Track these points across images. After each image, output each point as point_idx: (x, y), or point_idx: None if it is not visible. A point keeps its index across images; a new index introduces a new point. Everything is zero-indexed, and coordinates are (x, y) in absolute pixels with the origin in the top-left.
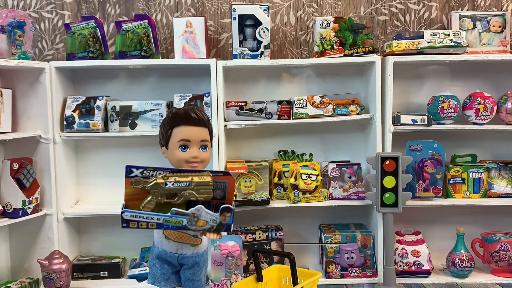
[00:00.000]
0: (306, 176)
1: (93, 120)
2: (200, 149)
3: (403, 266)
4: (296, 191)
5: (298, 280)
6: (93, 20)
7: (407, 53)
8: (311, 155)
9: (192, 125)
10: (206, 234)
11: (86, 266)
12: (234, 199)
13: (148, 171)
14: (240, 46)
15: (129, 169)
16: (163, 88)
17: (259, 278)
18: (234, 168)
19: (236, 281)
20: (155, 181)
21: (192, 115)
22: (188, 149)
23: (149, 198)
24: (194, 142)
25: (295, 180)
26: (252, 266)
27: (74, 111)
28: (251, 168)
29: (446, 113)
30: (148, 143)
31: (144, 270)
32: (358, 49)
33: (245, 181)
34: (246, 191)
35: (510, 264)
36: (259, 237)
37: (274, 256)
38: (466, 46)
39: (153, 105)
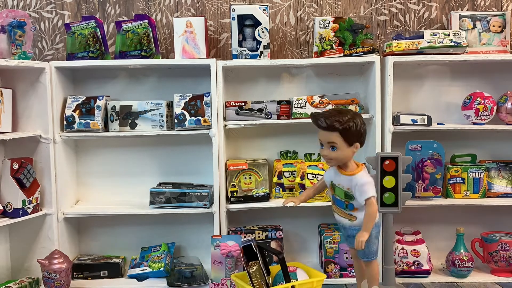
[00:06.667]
0: (313, 176)
1: (93, 120)
2: (329, 149)
3: (403, 266)
4: (301, 191)
5: (291, 279)
6: (93, 20)
7: (407, 53)
8: (319, 154)
9: (320, 129)
10: None
11: (86, 266)
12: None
13: None
14: (239, 46)
15: None
16: (163, 88)
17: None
18: (234, 164)
19: None
20: None
21: (318, 121)
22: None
23: None
24: (324, 143)
25: (301, 180)
26: None
27: (74, 111)
28: (250, 165)
29: None
30: (148, 143)
31: (144, 269)
32: (358, 49)
33: (245, 178)
34: (246, 188)
35: (509, 264)
36: (259, 236)
37: (273, 256)
38: (466, 46)
39: (153, 105)
